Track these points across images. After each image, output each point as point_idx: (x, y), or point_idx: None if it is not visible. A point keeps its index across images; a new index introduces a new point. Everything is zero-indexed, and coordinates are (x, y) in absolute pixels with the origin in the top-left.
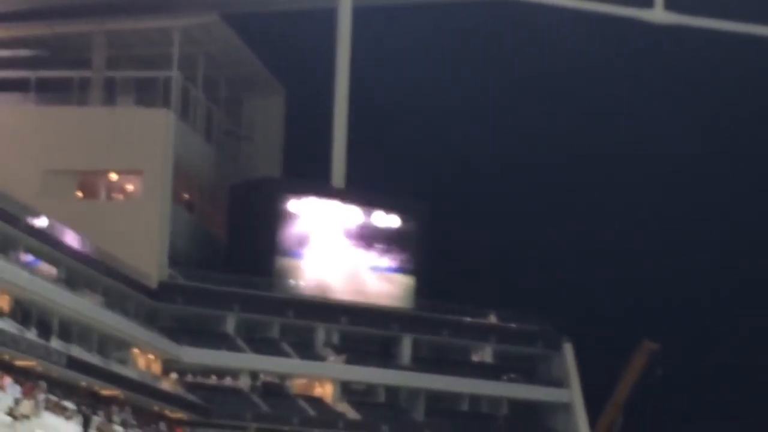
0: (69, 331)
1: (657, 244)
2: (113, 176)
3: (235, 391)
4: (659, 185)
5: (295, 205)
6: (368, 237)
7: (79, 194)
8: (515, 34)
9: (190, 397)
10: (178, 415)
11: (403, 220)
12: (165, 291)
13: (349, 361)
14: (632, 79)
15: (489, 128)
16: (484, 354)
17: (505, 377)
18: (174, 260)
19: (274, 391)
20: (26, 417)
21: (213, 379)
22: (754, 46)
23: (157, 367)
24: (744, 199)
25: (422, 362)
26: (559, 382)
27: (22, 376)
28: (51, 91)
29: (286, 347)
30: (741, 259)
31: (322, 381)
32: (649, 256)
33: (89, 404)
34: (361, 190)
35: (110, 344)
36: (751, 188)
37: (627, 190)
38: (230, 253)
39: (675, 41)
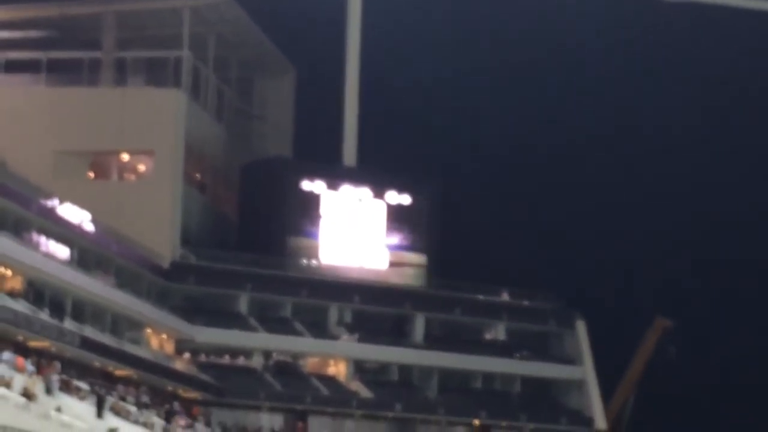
0: (82, 311)
1: (670, 222)
2: (125, 156)
3: (248, 371)
4: (672, 162)
5: (306, 184)
6: (380, 215)
7: (91, 175)
8: (525, 11)
9: (204, 376)
10: (192, 394)
11: (415, 198)
12: (177, 271)
13: (361, 340)
14: (645, 57)
15: (501, 106)
16: (497, 332)
17: (518, 355)
18: (186, 240)
19: (287, 370)
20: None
21: (226, 359)
22: None
23: (170, 347)
24: (761, 176)
25: (435, 340)
26: (572, 360)
27: (36, 357)
28: (62, 72)
29: (298, 326)
30: (756, 237)
31: (335, 360)
32: (663, 233)
33: (103, 384)
34: (372, 169)
35: (123, 324)
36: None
37: (639, 167)
38: (242, 233)
39: (687, 18)
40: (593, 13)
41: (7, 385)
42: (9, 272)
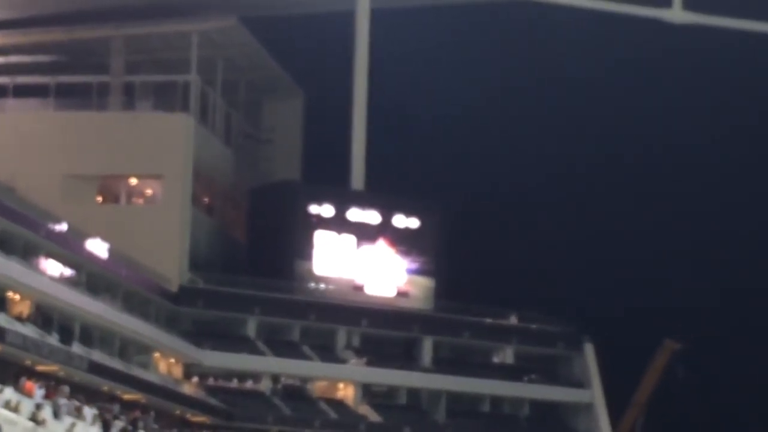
0: (90, 335)
1: (679, 243)
2: (133, 181)
3: (257, 395)
4: (681, 184)
5: (314, 208)
6: (388, 239)
7: (100, 199)
8: (533, 35)
9: (212, 400)
10: (200, 418)
11: (423, 221)
12: (186, 295)
13: (370, 364)
14: (651, 80)
15: (508, 129)
16: (505, 355)
17: (526, 378)
18: (194, 264)
19: (296, 394)
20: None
21: (234, 383)
22: None
23: (178, 371)
24: None
25: (443, 364)
26: (581, 383)
27: (44, 381)
28: (70, 97)
29: (307, 350)
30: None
31: (343, 383)
32: (672, 255)
33: (111, 409)
34: (380, 192)
35: (131, 348)
36: None
37: (648, 189)
38: (250, 257)
39: (694, 41)
40: (602, 35)
41: (15, 409)
42: (17, 296)
